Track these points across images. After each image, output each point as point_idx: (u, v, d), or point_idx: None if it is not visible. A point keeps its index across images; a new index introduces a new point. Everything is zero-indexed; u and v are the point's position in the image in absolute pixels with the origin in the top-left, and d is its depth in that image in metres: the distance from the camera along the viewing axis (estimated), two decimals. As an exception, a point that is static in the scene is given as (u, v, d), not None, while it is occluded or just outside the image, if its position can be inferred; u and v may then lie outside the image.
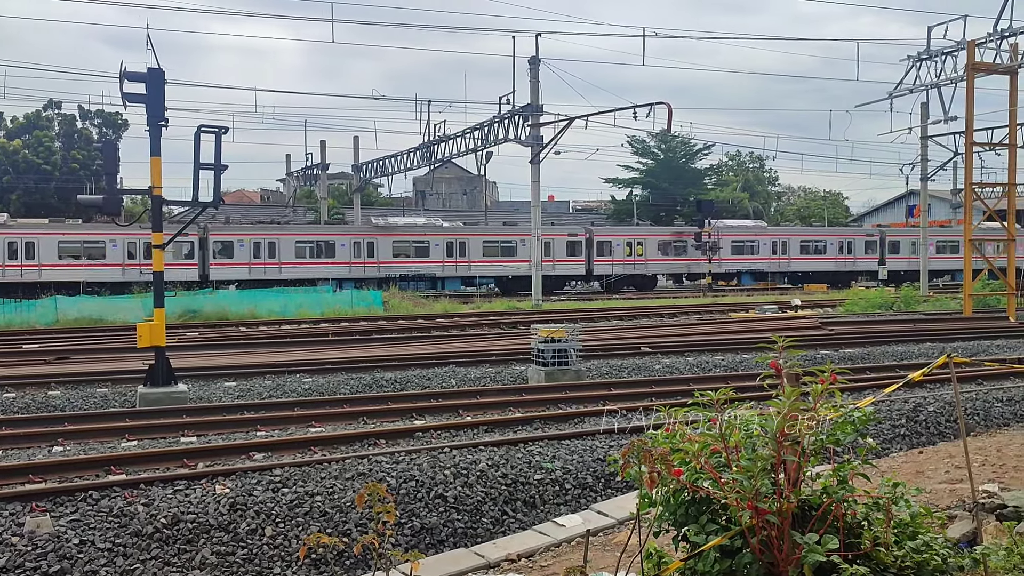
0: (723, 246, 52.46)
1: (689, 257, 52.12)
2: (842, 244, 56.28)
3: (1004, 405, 14.05)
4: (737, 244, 53.71)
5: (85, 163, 60.87)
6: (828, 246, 55.88)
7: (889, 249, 56.85)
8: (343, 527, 8.84)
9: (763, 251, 54.10)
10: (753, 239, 54.43)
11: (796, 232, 57.93)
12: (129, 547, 8.18)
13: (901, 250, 57.02)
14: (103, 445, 11.79)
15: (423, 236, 46.29)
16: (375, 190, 77.86)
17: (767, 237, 54.68)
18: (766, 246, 54.18)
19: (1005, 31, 32.33)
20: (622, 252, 50.40)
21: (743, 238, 54.14)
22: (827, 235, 57.63)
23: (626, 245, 50.60)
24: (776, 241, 54.63)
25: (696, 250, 51.69)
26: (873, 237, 57.23)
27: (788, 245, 54.90)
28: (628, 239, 51.12)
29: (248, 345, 22.85)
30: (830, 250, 55.73)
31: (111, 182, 16.12)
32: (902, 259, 56.54)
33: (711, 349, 21.36)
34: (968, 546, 5.52)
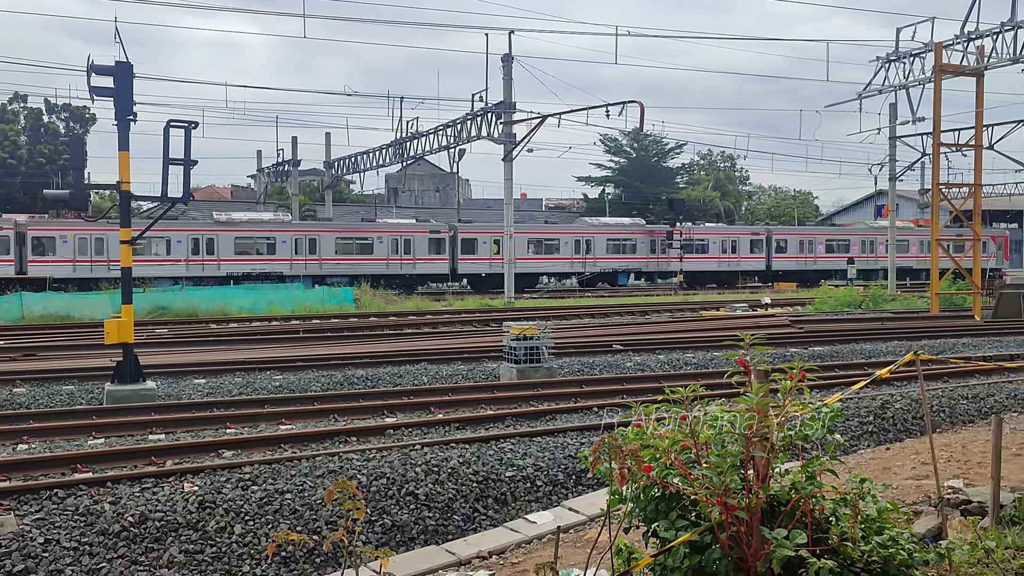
0: (597, 245, 50.94)
1: (563, 256, 50.14)
2: (725, 243, 54.70)
3: (969, 402, 14.25)
4: (614, 242, 51.76)
5: (52, 157, 60.07)
6: (710, 245, 54.16)
7: (776, 249, 55.77)
8: (313, 525, 8.79)
9: (640, 250, 52.18)
10: (631, 238, 52.34)
11: (686, 231, 54.86)
12: (95, 546, 8.08)
13: (788, 250, 56.14)
14: (69, 443, 11.63)
15: (269, 232, 43.57)
16: (347, 187, 77.54)
17: (646, 236, 52.61)
18: (645, 245, 52.34)
19: (972, 33, 32.75)
20: (488, 250, 48.16)
21: (620, 237, 52.10)
22: (709, 234, 55.43)
23: (493, 243, 47.81)
24: (655, 240, 52.62)
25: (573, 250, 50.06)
26: (759, 236, 56.02)
27: (745, 246, 54.12)
28: (496, 237, 47.44)
29: (218, 342, 22.66)
30: (712, 249, 54.00)
31: (78, 177, 15.95)
32: (789, 259, 55.75)
33: (682, 347, 21.48)
34: (933, 541, 5.59)
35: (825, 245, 57.21)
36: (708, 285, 53.14)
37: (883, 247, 57.13)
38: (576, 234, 51.36)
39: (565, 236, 51.14)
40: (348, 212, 67.16)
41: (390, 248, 46.00)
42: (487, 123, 38.89)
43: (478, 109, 39.25)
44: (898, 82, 37.13)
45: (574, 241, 50.69)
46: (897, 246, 58.49)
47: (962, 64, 32.72)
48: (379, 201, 72.72)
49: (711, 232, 55.41)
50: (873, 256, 57.98)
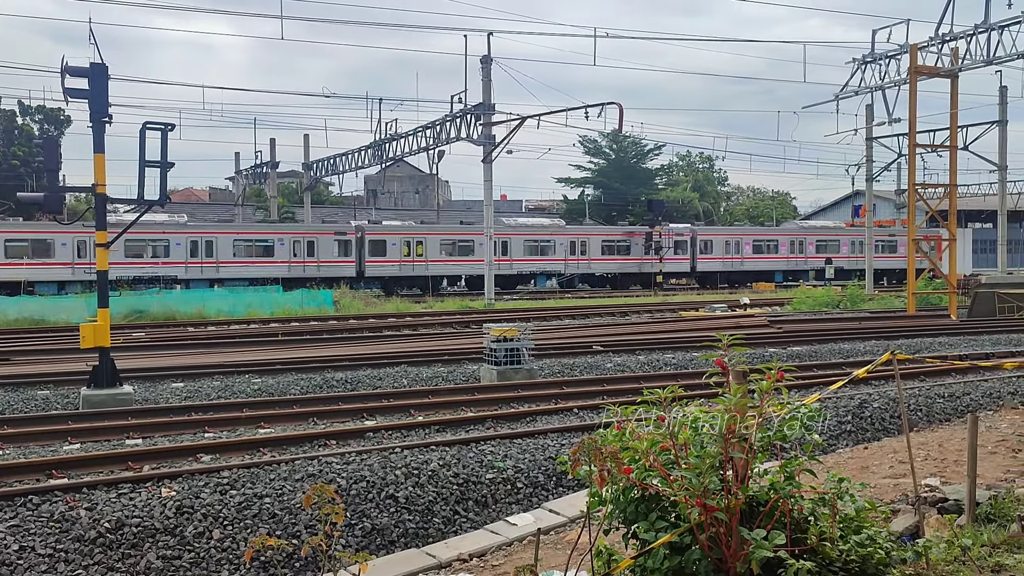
0: (514, 246, 49.35)
1: (479, 258, 46.78)
2: (648, 244, 53.49)
3: (946, 401, 14.37)
4: (532, 244, 50.25)
5: (26, 160, 59.48)
6: (632, 247, 52.79)
7: (701, 249, 54.64)
8: (293, 529, 8.74)
9: (559, 252, 50.46)
10: (548, 239, 50.76)
11: (595, 232, 54.12)
12: (71, 552, 7.99)
13: (714, 250, 55.05)
14: (44, 449, 11.50)
15: (163, 234, 41.60)
16: (326, 189, 77.30)
17: (564, 237, 51.07)
18: (563, 246, 50.62)
19: (946, 35, 33.10)
20: (398, 252, 46.76)
21: (537, 238, 50.45)
22: (631, 235, 53.86)
23: (404, 244, 46.89)
24: (574, 241, 51.17)
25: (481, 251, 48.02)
26: (683, 237, 54.63)
27: (588, 245, 51.77)
28: (407, 238, 47.21)
29: (196, 345, 22.50)
30: (634, 251, 52.68)
31: (52, 179, 15.78)
32: (715, 259, 54.72)
33: (661, 347, 21.54)
34: (911, 539, 5.62)
35: (753, 246, 56.26)
36: (631, 287, 51.74)
37: (812, 247, 57.50)
38: (493, 236, 49.30)
39: (481, 238, 47.17)
40: (327, 214, 66.98)
41: (292, 250, 44.41)
42: (466, 124, 38.89)
43: (457, 110, 39.25)
44: (874, 83, 37.49)
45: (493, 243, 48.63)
46: (827, 246, 58.03)
47: (937, 66, 33.05)
48: (358, 203, 72.54)
49: (632, 233, 54.04)
50: (802, 256, 57.45)
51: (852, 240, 59.32)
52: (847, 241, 59.06)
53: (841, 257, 57.81)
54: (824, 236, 59.19)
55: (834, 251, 57.84)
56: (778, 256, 56.53)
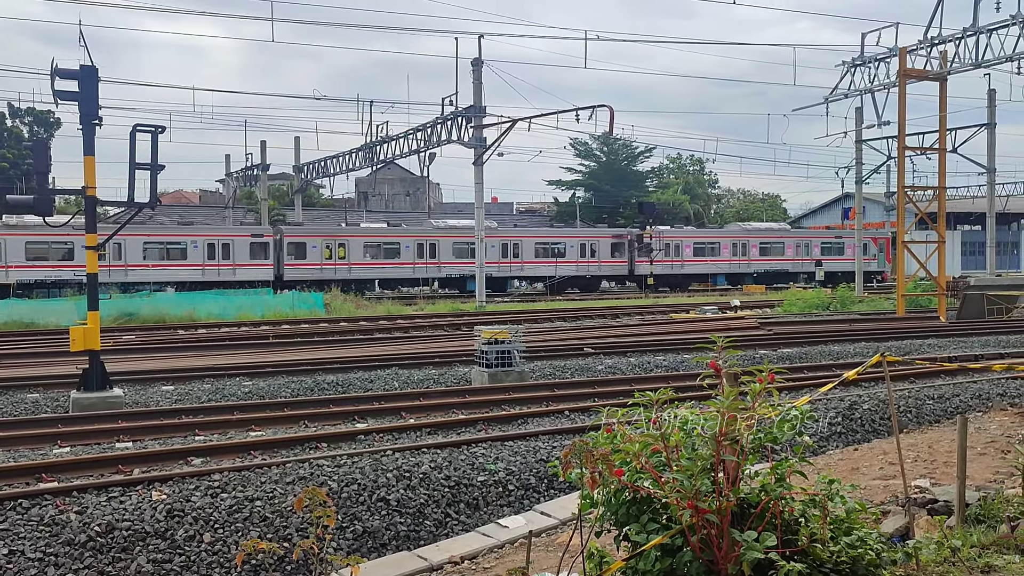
0: (443, 248, 48.29)
1: (405, 261, 47.47)
2: (583, 247, 52.15)
3: (935, 402, 14.42)
4: (461, 246, 48.55)
5: (16, 162, 59.25)
6: (568, 249, 51.68)
7: (640, 253, 53.37)
8: (284, 532, 8.72)
9: (492, 254, 48.43)
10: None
11: (529, 234, 52.73)
12: (61, 556, 7.95)
13: (652, 254, 53.66)
14: (34, 452, 11.45)
15: (67, 236, 37.96)
16: (317, 191, 77.18)
17: (495, 239, 49.50)
18: (494, 248, 48.99)
19: (935, 38, 33.26)
20: (320, 255, 45.55)
21: (468, 240, 47.88)
22: (566, 237, 52.91)
23: (325, 247, 45.66)
24: (507, 244, 50.14)
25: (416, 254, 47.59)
26: (621, 239, 53.20)
27: (521, 248, 50.54)
28: (328, 240, 46.00)
29: (187, 348, 22.44)
30: (570, 253, 51.57)
31: (42, 182, 15.68)
32: (660, 262, 53.66)
33: (652, 349, 21.57)
34: (901, 540, 5.65)
35: (694, 248, 55.11)
36: (568, 291, 50.31)
37: (756, 250, 56.51)
38: (419, 237, 48.47)
39: (407, 239, 48.11)
40: (319, 216, 66.89)
41: (206, 253, 43.00)
42: (457, 127, 38.92)
43: (448, 113, 39.27)
44: (864, 86, 37.65)
45: (416, 245, 47.82)
46: (769, 249, 56.97)
47: (926, 69, 33.21)
48: (349, 205, 72.46)
49: (567, 235, 53.11)
50: (745, 259, 56.37)
51: (797, 243, 58.48)
52: (792, 244, 58.23)
53: (786, 260, 57.30)
54: (769, 238, 58.15)
55: (779, 254, 57.02)
56: (720, 259, 55.46)
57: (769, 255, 57.10)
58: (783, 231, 60.70)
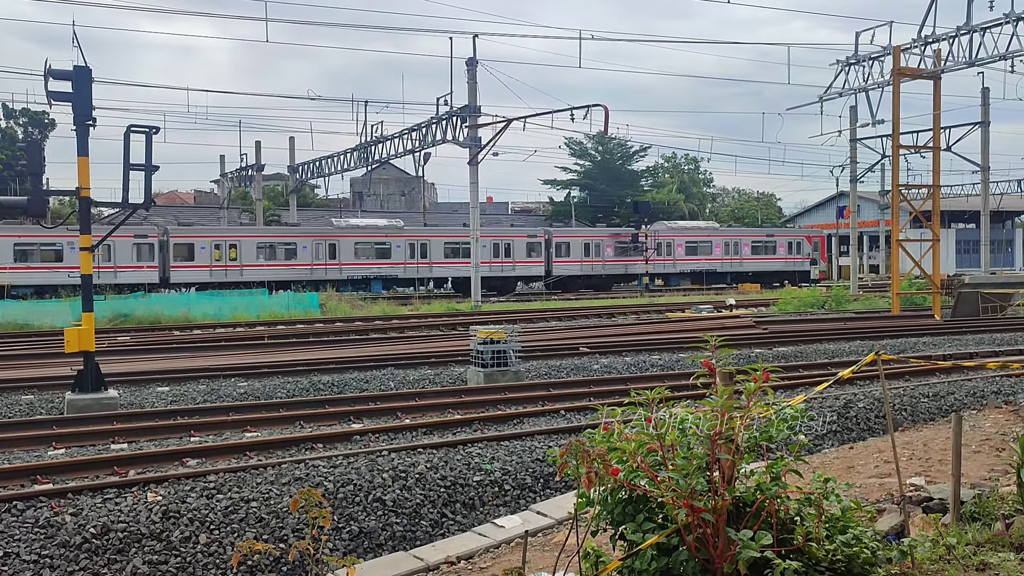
0: (343, 249, 46.49)
1: (303, 262, 45.47)
2: (498, 246, 49.82)
3: (930, 400, 14.46)
4: (364, 247, 47.07)
5: (9, 163, 59.10)
6: (480, 249, 48.52)
7: (557, 252, 51.42)
8: (280, 533, 8.71)
9: (396, 256, 47.44)
10: (385, 241, 47.53)
11: (437, 234, 50.58)
12: (56, 558, 7.94)
13: (571, 253, 51.94)
14: (29, 454, 11.42)
15: None
16: (312, 191, 77.11)
17: (402, 239, 47.82)
18: (400, 249, 47.52)
19: (929, 37, 33.31)
20: (208, 256, 43.59)
21: (371, 240, 47.36)
22: (480, 237, 49.83)
23: (214, 248, 43.65)
24: (414, 243, 48.02)
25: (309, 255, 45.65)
26: (537, 239, 51.33)
27: (429, 248, 48.55)
28: (217, 241, 43.96)
29: (182, 349, 22.39)
30: (483, 253, 47.43)
31: (36, 183, 15.68)
32: (573, 263, 51.89)
33: (648, 349, 21.58)
34: (896, 538, 5.66)
35: (615, 248, 53.16)
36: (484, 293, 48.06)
37: (681, 249, 54.80)
38: (317, 238, 46.32)
39: (304, 240, 46.04)
40: (313, 216, 66.78)
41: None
42: (452, 127, 38.89)
43: (443, 113, 39.25)
44: (858, 85, 37.68)
45: (315, 245, 45.87)
46: (696, 248, 55.19)
47: (920, 67, 33.26)
48: (344, 205, 72.41)
49: (481, 235, 50.33)
50: (670, 259, 54.78)
51: (726, 241, 56.94)
52: (720, 243, 56.67)
53: (714, 259, 55.89)
54: (695, 237, 56.27)
55: (706, 253, 55.50)
56: (642, 259, 53.65)
57: (696, 255, 55.38)
58: (711, 230, 58.45)
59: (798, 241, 58.81)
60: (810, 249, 58.58)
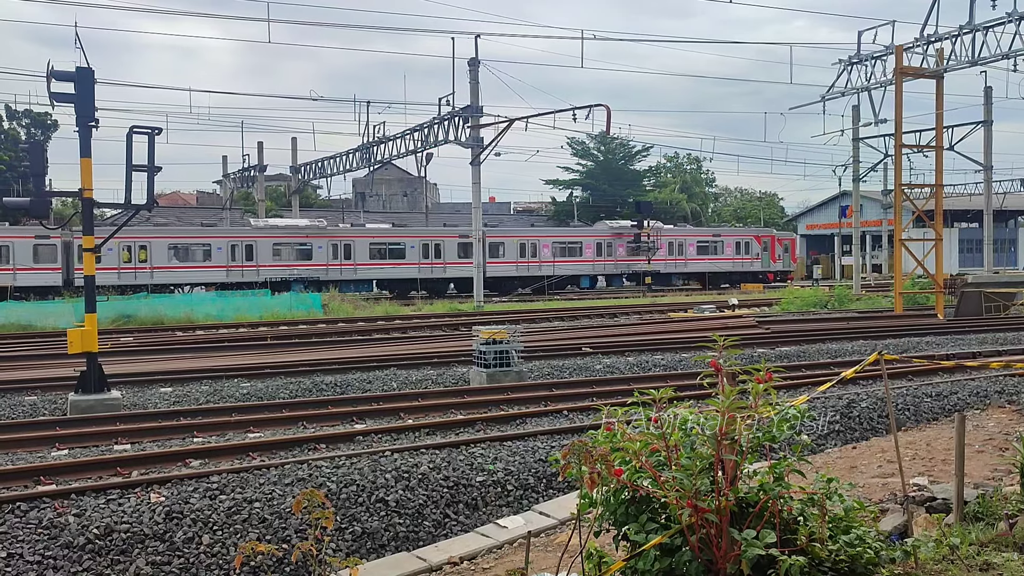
0: (261, 250, 44.56)
1: (216, 264, 43.66)
2: (427, 247, 48.40)
3: (933, 400, 14.44)
4: (285, 247, 45.18)
5: (12, 164, 59.16)
6: (407, 250, 47.95)
7: (490, 253, 49.32)
8: (283, 533, 8.71)
9: (318, 257, 45.84)
10: (305, 242, 45.80)
11: (362, 234, 48.74)
12: (60, 559, 7.95)
13: (506, 254, 50.53)
14: (32, 455, 11.44)
15: None
16: (314, 192, 77.20)
17: (324, 239, 46.28)
18: (322, 250, 45.96)
19: (931, 36, 33.31)
20: (116, 258, 41.68)
21: (290, 240, 45.52)
22: (406, 236, 49.18)
23: (124, 250, 41.93)
24: (336, 244, 46.45)
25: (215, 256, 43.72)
26: (468, 239, 47.96)
27: (353, 249, 46.79)
28: (127, 242, 42.04)
29: (185, 350, 22.41)
30: (410, 255, 47.86)
31: (38, 184, 15.71)
32: (507, 264, 50.31)
33: (651, 349, 21.57)
34: (899, 538, 5.65)
35: (552, 248, 51.52)
36: (409, 294, 47.34)
37: (622, 249, 53.55)
38: (232, 238, 44.30)
39: (219, 241, 44.07)
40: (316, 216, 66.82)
41: None
42: (454, 127, 38.91)
43: (445, 113, 39.27)
44: (860, 84, 37.68)
45: (230, 246, 43.88)
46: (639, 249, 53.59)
47: (922, 66, 33.26)
48: (346, 206, 72.47)
49: (408, 235, 49.63)
50: (612, 260, 53.68)
51: (670, 241, 55.56)
52: (665, 243, 55.29)
53: (657, 260, 54.78)
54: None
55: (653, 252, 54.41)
56: (584, 260, 52.55)
57: (638, 255, 54.10)
58: (654, 229, 56.40)
59: (747, 241, 57.53)
60: (759, 249, 57.31)
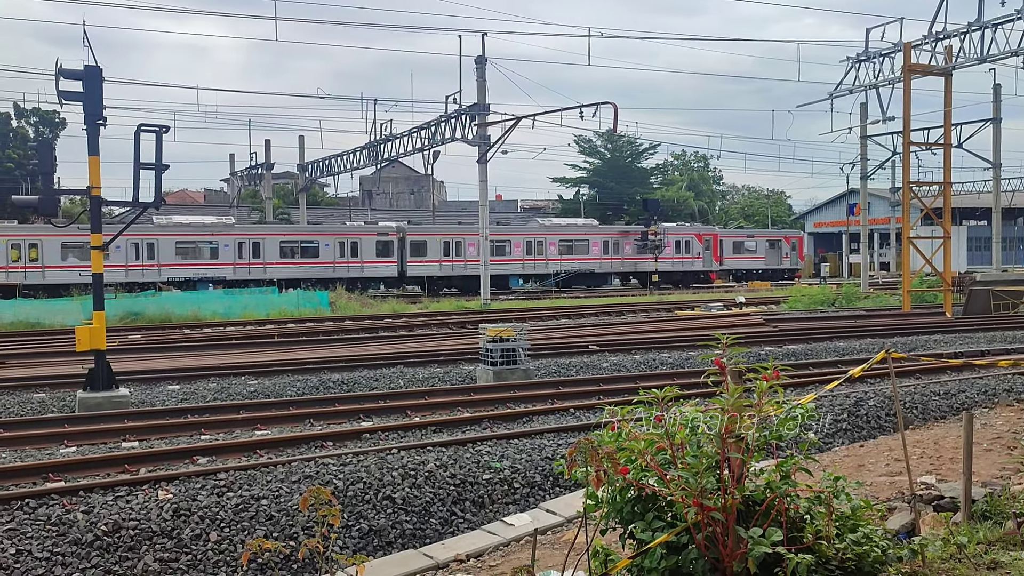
0: (163, 249, 43.10)
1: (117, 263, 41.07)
2: (343, 245, 46.89)
3: (941, 398, 14.39)
4: (188, 246, 43.68)
5: (21, 163, 59.37)
6: (321, 248, 46.54)
7: (413, 251, 48.31)
8: (290, 531, 8.73)
9: (225, 256, 44.24)
10: (211, 240, 44.05)
11: (273, 232, 47.53)
12: (68, 556, 7.98)
13: (428, 253, 48.84)
14: (40, 452, 11.49)
15: None
16: (321, 190, 77.28)
17: (231, 238, 44.46)
18: (228, 248, 44.29)
19: (940, 33, 33.16)
20: (5, 257, 40.40)
21: (197, 239, 43.84)
22: (319, 235, 47.84)
23: (11, 248, 40.36)
24: (244, 242, 44.79)
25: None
26: (388, 237, 47.99)
27: (263, 248, 45.18)
28: (15, 240, 40.62)
29: (192, 347, 22.46)
30: (324, 253, 46.39)
31: (47, 182, 15.74)
32: (431, 263, 48.84)
33: (657, 347, 21.55)
34: (907, 537, 5.64)
35: (479, 247, 48.92)
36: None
37: (554, 248, 51.60)
38: (132, 236, 41.49)
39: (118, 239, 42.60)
40: (323, 215, 66.95)
41: None
42: (461, 125, 38.91)
43: (452, 111, 39.27)
44: (868, 82, 37.53)
45: (129, 244, 41.80)
46: (572, 247, 51.98)
47: (931, 64, 33.10)
48: (353, 204, 72.55)
49: (322, 233, 48.24)
50: (543, 259, 51.73)
51: (605, 240, 54.00)
52: (598, 241, 53.72)
53: (591, 259, 53.15)
54: (570, 236, 53.15)
55: (583, 252, 52.65)
56: (512, 259, 50.71)
57: (572, 254, 52.33)
58: (588, 227, 54.89)
59: (687, 240, 56.13)
60: (701, 248, 56.09)
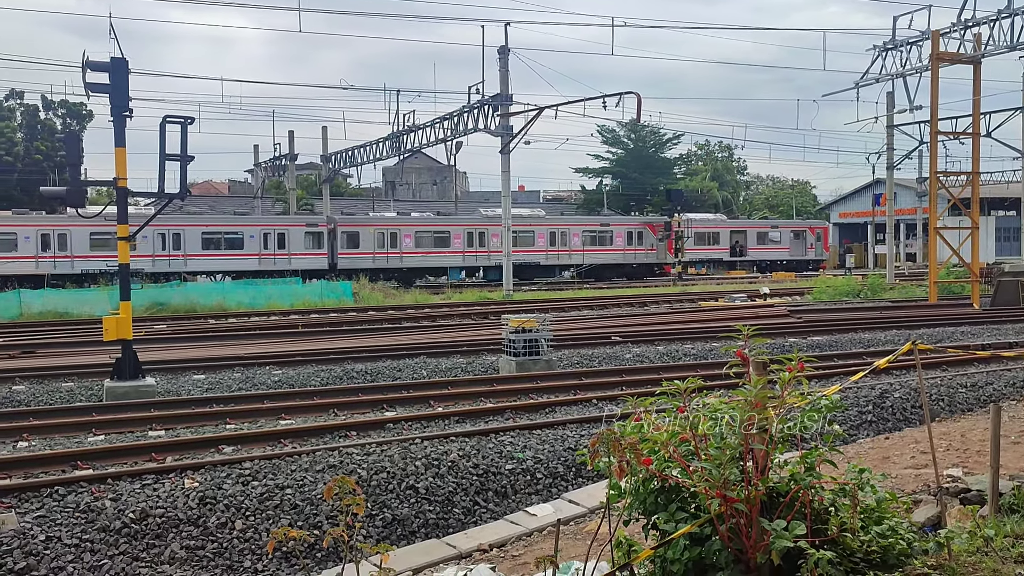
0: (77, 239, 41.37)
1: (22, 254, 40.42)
2: (268, 236, 45.33)
3: (968, 391, 14.26)
4: (100, 237, 41.10)
5: (49, 154, 59.97)
6: (246, 240, 44.81)
7: (345, 243, 46.93)
8: (314, 520, 8.80)
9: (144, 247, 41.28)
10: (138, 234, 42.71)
11: (193, 222, 46.14)
12: (97, 542, 8.09)
13: (362, 245, 47.36)
14: (69, 440, 11.65)
15: None
16: (344, 180, 77.54)
17: (150, 228, 41.36)
18: (147, 239, 41.76)
19: (969, 21, 32.70)
20: None
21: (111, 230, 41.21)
22: (243, 225, 46.01)
23: None
24: (165, 233, 43.09)
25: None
26: (318, 229, 46.56)
27: (183, 238, 43.80)
28: None
29: (217, 337, 22.66)
30: (249, 245, 44.71)
31: (74, 173, 15.91)
32: (364, 255, 47.21)
33: (680, 338, 21.48)
34: (932, 530, 5.60)
35: (415, 239, 48.54)
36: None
37: (497, 240, 47.57)
38: (42, 227, 40.67)
39: (26, 230, 40.61)
40: (346, 205, 67.21)
41: None
42: (484, 115, 38.87)
43: (475, 101, 39.24)
44: (895, 70, 37.09)
45: (39, 235, 40.46)
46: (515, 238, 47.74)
47: (959, 52, 32.66)
48: (376, 195, 72.75)
49: (246, 224, 46.54)
50: (485, 251, 50.10)
51: (552, 231, 52.10)
52: (545, 232, 51.90)
53: (537, 251, 51.48)
54: (516, 227, 48.44)
55: (528, 244, 50.73)
56: (451, 251, 49.53)
57: (516, 245, 47.98)
58: (533, 218, 53.05)
59: (639, 231, 54.35)
60: (655, 239, 54.20)
